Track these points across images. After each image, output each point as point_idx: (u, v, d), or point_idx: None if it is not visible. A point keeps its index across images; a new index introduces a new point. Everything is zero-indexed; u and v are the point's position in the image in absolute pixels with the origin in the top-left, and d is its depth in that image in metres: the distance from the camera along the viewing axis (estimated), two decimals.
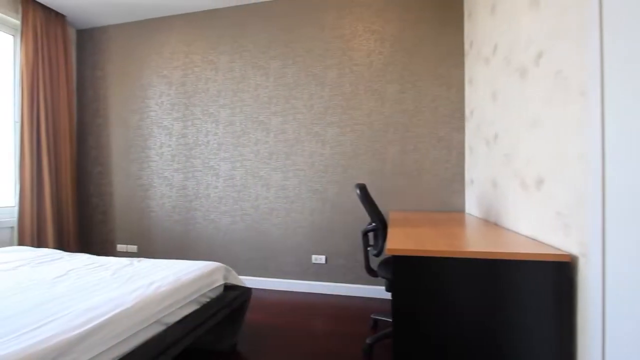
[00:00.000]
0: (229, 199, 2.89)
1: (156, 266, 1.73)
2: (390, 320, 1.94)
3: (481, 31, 2.08)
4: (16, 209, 2.68)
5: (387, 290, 1.72)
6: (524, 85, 1.46)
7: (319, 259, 2.69)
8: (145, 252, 3.09)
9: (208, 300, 1.64)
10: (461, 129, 2.46)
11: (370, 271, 1.87)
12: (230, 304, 1.71)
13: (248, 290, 1.88)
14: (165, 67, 3.06)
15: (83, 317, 1.06)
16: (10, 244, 2.68)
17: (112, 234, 3.22)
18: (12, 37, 2.80)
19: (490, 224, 1.80)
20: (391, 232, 1.48)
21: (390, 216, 2.14)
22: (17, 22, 2.72)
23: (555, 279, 1.07)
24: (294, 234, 2.74)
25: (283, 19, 2.77)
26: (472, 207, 2.29)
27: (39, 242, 2.78)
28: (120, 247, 3.19)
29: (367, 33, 2.62)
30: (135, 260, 1.86)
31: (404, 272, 1.17)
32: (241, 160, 2.86)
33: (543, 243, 1.24)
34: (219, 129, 2.92)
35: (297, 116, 2.74)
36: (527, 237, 1.38)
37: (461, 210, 2.46)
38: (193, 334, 1.42)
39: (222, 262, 2.71)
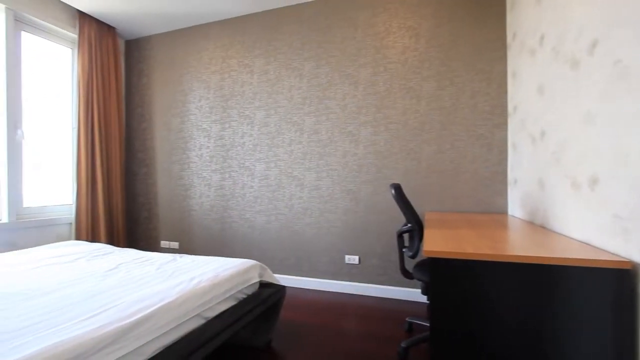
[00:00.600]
0: (263, 199, 2.96)
1: (196, 262, 1.81)
2: (426, 324, 1.88)
3: (526, 22, 1.95)
4: (74, 207, 2.93)
5: (423, 293, 1.67)
6: (576, 77, 1.35)
7: (353, 259, 2.67)
8: (186, 248, 3.25)
9: (244, 296, 1.69)
10: (503, 126, 2.33)
11: (406, 273, 1.82)
12: (265, 301, 1.75)
13: (282, 288, 1.91)
14: (204, 72, 3.20)
15: (132, 308, 1.13)
16: (69, 239, 2.94)
17: (156, 230, 3.42)
18: (70, 50, 3.07)
19: (537, 226, 1.69)
20: (428, 234, 1.44)
21: (426, 217, 2.08)
22: (75, 36, 2.97)
23: (614, 287, 0.98)
24: (328, 233, 2.75)
25: (316, 21, 2.79)
26: (515, 208, 2.16)
27: (92, 237, 3.02)
28: (163, 244, 3.38)
29: (402, 30, 2.56)
30: (177, 256, 1.96)
31: (442, 275, 1.13)
32: (275, 160, 2.92)
33: (598, 248, 1.14)
34: (254, 130, 3.00)
35: (330, 116, 2.74)
36: (579, 241, 1.28)
37: (503, 212, 2.33)
38: (231, 328, 1.47)
39: (258, 260, 2.78)
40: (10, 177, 2.55)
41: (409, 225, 1.75)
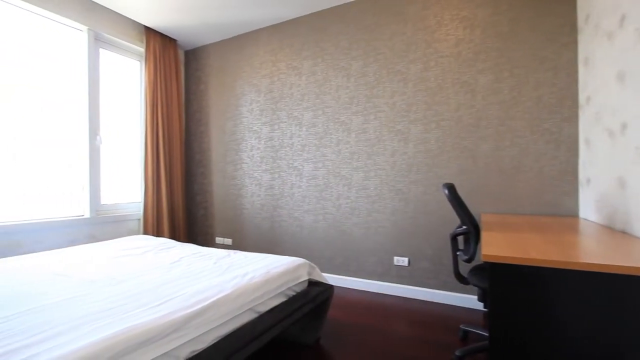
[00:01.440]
0: (311, 198, 3.00)
1: (248, 259, 1.89)
2: (484, 333, 1.77)
3: (601, 1, 1.74)
4: (141, 205, 3.24)
5: (480, 300, 1.57)
6: None
7: (402, 260, 2.60)
8: (239, 245, 3.42)
9: (294, 294, 1.73)
10: (573, 119, 2.10)
11: (460, 278, 1.73)
12: (314, 299, 1.77)
13: (330, 287, 1.92)
14: (255, 77, 3.34)
15: (194, 299, 1.22)
16: (138, 233, 3.25)
17: (211, 227, 3.65)
18: (138, 62, 3.39)
19: (616, 232, 1.50)
20: (486, 237, 1.35)
21: (482, 219, 1.95)
22: (142, 49, 3.28)
23: None
24: (376, 234, 2.71)
25: (363, 19, 2.76)
26: (588, 211, 1.94)
27: (157, 232, 3.30)
28: (218, 240, 3.59)
29: (455, 21, 2.43)
30: (231, 252, 2.07)
31: (503, 281, 1.05)
32: (323, 160, 2.95)
33: None
34: (302, 131, 3.05)
35: (378, 115, 2.70)
36: None
37: (573, 215, 2.10)
38: (281, 324, 1.51)
39: (306, 259, 2.83)
40: (91, 177, 2.89)
41: (464, 227, 1.66)
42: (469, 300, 2.36)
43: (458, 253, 1.75)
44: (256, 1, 2.80)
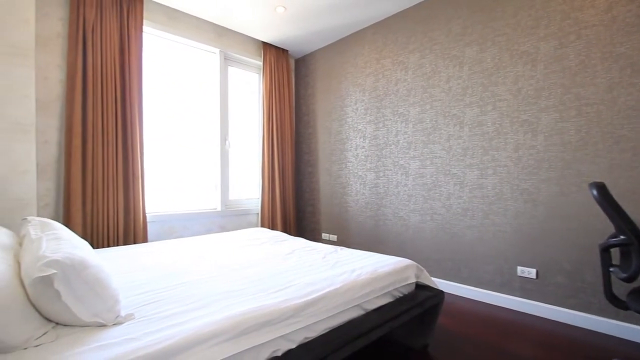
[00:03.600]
0: (418, 197, 2.86)
1: (355, 255, 1.92)
2: None
3: None
4: (259, 201, 3.64)
5: None
6: None
7: (527, 272, 2.24)
8: (344, 242, 3.51)
9: (400, 295, 1.68)
10: None
11: (614, 300, 1.39)
12: (422, 303, 1.68)
13: (440, 292, 1.79)
14: (359, 76, 3.37)
15: (306, 289, 1.31)
16: (256, 226, 3.67)
17: (318, 224, 3.85)
18: (257, 75, 3.82)
19: None
20: None
21: None
22: (260, 63, 3.69)
23: None
24: (494, 239, 2.41)
25: (478, 0, 2.48)
26: None
27: (272, 225, 3.67)
28: (324, 236, 3.76)
29: None
30: (338, 248, 2.14)
31: None
32: (431, 157, 2.77)
33: None
34: (409, 127, 2.94)
35: (497, 104, 2.39)
36: None
37: None
38: (388, 324, 1.48)
39: (411, 260, 2.72)
40: (222, 177, 3.40)
41: (621, 237, 1.32)
42: (627, 329, 1.87)
43: (612, 269, 1.41)
44: (362, 1, 2.82)
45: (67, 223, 2.31)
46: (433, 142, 2.76)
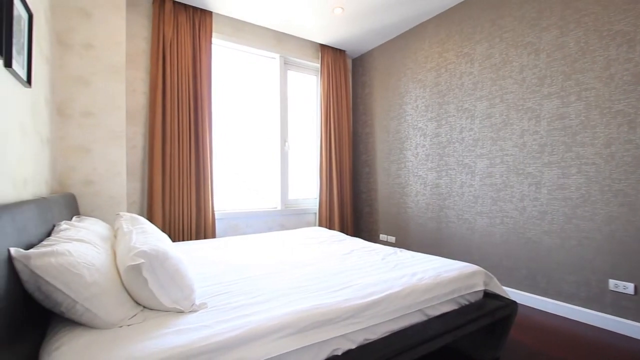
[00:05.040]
0: (485, 199, 2.66)
1: (416, 258, 1.85)
2: None
3: None
4: (317, 200, 3.71)
5: None
6: None
7: (622, 286, 1.94)
8: (402, 243, 3.41)
9: (467, 303, 1.58)
10: None
11: None
12: (492, 313, 1.56)
13: (513, 303, 1.64)
14: (420, 72, 3.24)
15: (366, 290, 1.29)
16: (314, 225, 3.74)
17: (376, 224, 3.79)
18: (314, 77, 3.89)
19: None
20: None
21: None
22: (317, 65, 3.75)
23: None
24: (578, 246, 2.13)
25: None
26: None
27: (329, 225, 3.70)
28: (382, 237, 3.69)
29: None
30: (397, 250, 2.08)
31: None
32: (501, 155, 2.55)
33: None
34: (475, 123, 2.74)
35: (583, 94, 2.10)
36: None
37: None
38: (453, 333, 1.40)
39: (478, 266, 2.53)
40: (282, 177, 3.53)
41: None
42: None
43: None
44: None
45: (150, 218, 2.60)
46: (503, 139, 2.54)
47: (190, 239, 2.77)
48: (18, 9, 1.26)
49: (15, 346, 0.81)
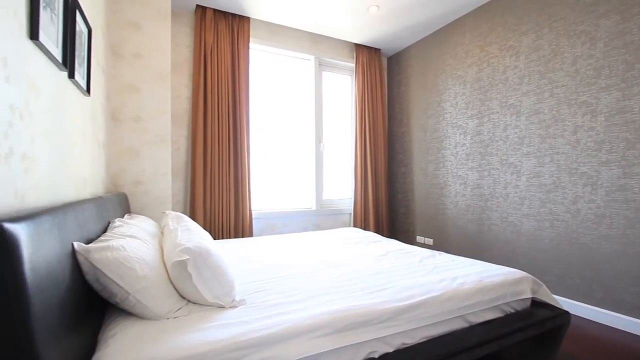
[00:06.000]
0: (533, 200, 2.49)
1: (456, 262, 1.77)
2: None
3: None
4: (352, 201, 3.68)
5: None
6: None
7: None
8: (440, 246, 3.29)
9: (512, 311, 1.49)
10: None
11: None
12: (541, 323, 1.45)
13: (566, 314, 1.52)
14: (460, 67, 3.11)
15: (404, 293, 1.26)
16: (349, 225, 3.72)
17: (412, 225, 3.69)
18: (349, 77, 3.88)
19: None
20: None
21: None
22: (352, 65, 3.73)
23: None
24: None
25: None
26: None
27: (364, 225, 3.67)
28: (418, 239, 3.59)
29: None
30: (436, 252, 2.00)
31: None
32: (551, 154, 2.37)
33: None
34: (521, 120, 2.58)
35: None
36: None
37: None
38: (498, 342, 1.32)
39: (524, 272, 2.37)
40: (317, 177, 3.55)
41: None
42: None
43: None
44: None
45: (193, 217, 2.74)
46: (553, 136, 2.36)
47: (229, 237, 2.88)
48: (80, 24, 1.38)
49: (82, 329, 0.89)
